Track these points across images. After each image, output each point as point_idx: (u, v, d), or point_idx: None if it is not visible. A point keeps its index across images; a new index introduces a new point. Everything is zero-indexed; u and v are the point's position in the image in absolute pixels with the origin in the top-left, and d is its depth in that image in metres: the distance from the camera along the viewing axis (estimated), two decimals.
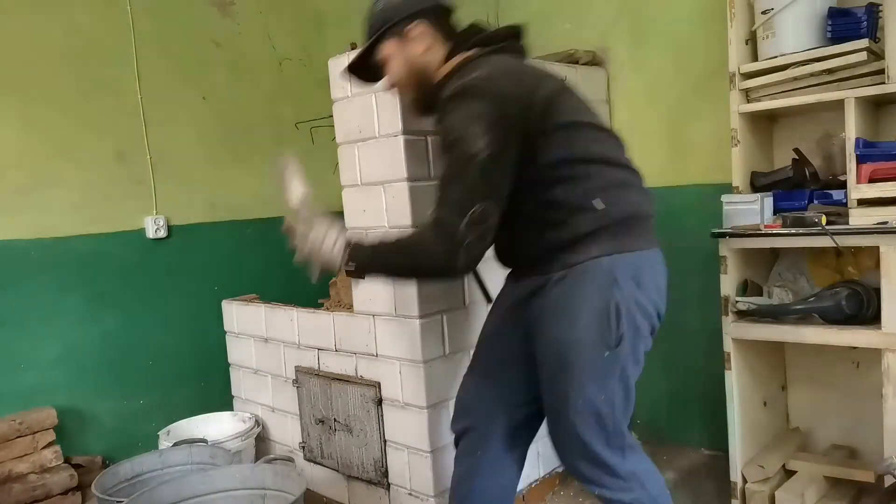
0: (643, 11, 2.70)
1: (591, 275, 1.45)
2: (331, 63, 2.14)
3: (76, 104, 2.82)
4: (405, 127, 1.99)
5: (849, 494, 2.11)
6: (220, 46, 3.29)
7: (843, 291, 1.90)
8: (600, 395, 1.47)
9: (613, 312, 1.43)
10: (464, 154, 1.39)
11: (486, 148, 1.38)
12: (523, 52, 1.68)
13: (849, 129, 1.90)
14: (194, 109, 3.17)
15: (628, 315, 1.44)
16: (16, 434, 2.53)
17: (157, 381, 3.01)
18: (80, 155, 2.82)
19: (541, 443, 2.51)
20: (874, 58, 1.90)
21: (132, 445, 2.78)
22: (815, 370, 2.33)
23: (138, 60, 2.98)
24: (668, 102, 2.69)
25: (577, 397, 1.47)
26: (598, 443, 1.50)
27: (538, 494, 2.49)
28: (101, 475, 2.09)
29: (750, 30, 2.11)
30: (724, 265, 2.07)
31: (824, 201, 2.02)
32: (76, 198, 2.80)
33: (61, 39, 2.78)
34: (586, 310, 1.44)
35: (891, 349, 1.80)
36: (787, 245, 2.08)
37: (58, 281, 2.76)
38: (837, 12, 1.95)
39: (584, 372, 1.46)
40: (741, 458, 2.12)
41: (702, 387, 2.69)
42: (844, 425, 2.30)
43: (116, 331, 2.90)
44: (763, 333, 2.04)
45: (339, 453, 2.40)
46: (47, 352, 2.74)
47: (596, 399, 1.47)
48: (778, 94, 2.06)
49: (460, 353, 2.17)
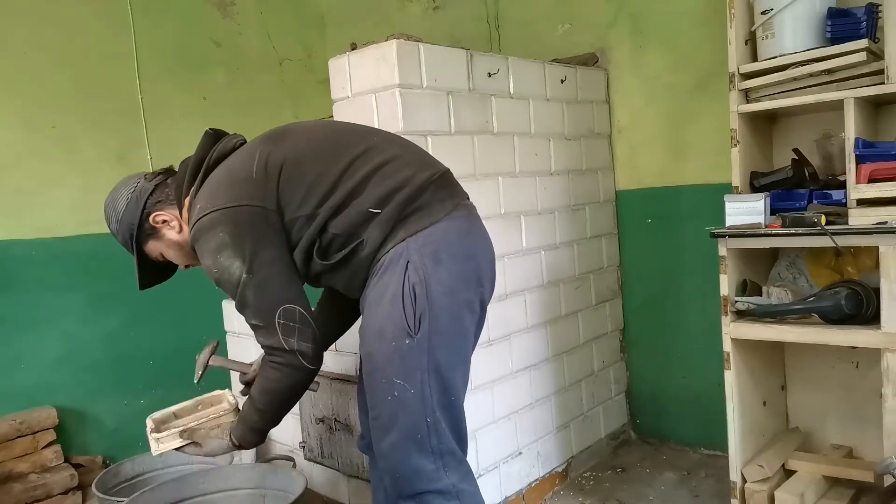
0: (643, 12, 2.70)
1: (388, 265, 1.43)
2: (331, 63, 2.14)
3: (76, 104, 2.82)
4: (405, 127, 1.99)
5: (848, 494, 2.11)
6: (220, 46, 3.30)
7: (843, 291, 1.90)
8: (409, 391, 1.40)
9: (410, 294, 1.40)
10: (231, 285, 1.43)
11: (241, 267, 1.41)
12: (228, 148, 1.60)
13: (848, 129, 1.90)
14: (194, 109, 3.17)
15: (428, 295, 1.40)
16: (16, 434, 2.53)
17: (157, 381, 3.01)
18: (80, 155, 2.83)
19: (540, 442, 2.52)
20: (874, 58, 1.90)
21: (132, 445, 2.78)
22: (814, 370, 2.33)
23: (138, 60, 2.99)
24: (668, 102, 2.69)
25: (384, 394, 1.42)
26: (411, 447, 1.42)
27: (538, 494, 2.49)
28: (102, 475, 2.10)
29: (750, 30, 2.11)
30: (723, 265, 2.07)
31: (824, 201, 2.02)
32: (76, 198, 2.81)
33: (61, 39, 2.79)
34: (385, 299, 1.42)
35: (890, 349, 1.80)
36: (787, 245, 2.08)
37: (58, 281, 2.76)
38: (837, 12, 1.95)
39: (389, 364, 1.41)
40: (740, 458, 2.12)
41: (701, 386, 2.69)
42: (844, 425, 2.30)
43: (117, 331, 2.90)
44: (762, 333, 2.04)
45: (339, 453, 2.40)
46: (48, 352, 2.75)
47: (405, 395, 1.40)
48: (777, 95, 2.06)
49: None
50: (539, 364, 2.51)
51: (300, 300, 1.46)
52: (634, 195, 2.84)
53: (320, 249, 1.49)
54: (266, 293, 1.43)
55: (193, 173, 1.58)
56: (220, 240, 1.43)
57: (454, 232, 1.48)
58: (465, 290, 1.47)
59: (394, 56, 1.96)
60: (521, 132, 2.41)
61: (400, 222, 1.45)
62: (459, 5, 3.25)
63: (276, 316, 1.42)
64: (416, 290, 1.39)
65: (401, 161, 1.50)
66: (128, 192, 1.61)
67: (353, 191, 1.46)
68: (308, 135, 1.56)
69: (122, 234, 1.62)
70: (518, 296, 2.41)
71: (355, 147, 1.51)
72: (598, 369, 2.81)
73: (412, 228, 1.44)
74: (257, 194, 1.45)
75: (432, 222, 1.45)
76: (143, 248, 1.64)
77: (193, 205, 1.53)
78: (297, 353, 1.44)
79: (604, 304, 2.84)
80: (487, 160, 2.26)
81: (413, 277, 1.40)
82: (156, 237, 1.62)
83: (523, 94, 2.41)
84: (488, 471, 2.29)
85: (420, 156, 1.58)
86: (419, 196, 1.46)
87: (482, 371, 2.25)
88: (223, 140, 1.61)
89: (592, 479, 2.63)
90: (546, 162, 2.53)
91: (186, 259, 1.65)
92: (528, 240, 2.45)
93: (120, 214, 1.60)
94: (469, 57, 2.19)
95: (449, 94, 2.13)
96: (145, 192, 1.61)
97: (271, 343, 1.45)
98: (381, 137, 1.60)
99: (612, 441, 2.88)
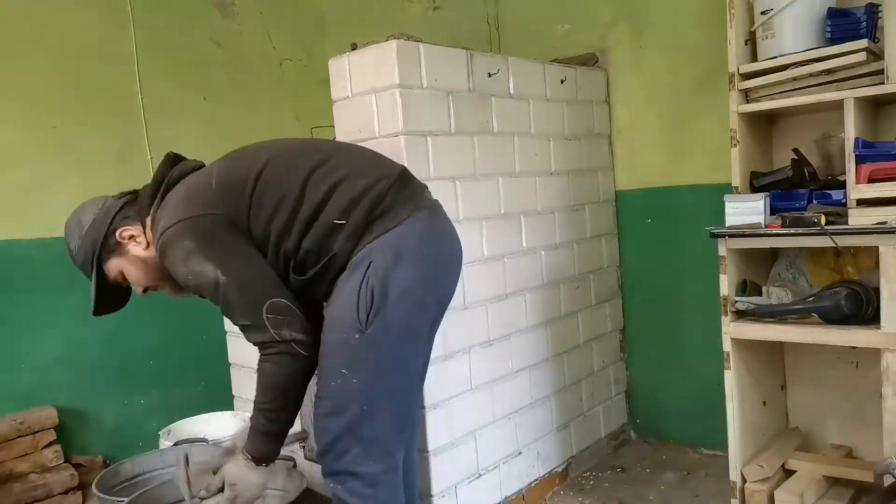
0: (643, 12, 2.70)
1: (354, 267, 1.49)
2: (331, 63, 2.14)
3: (76, 104, 2.82)
4: (405, 127, 1.99)
5: (848, 494, 2.12)
6: (221, 46, 3.30)
7: (843, 291, 1.90)
8: (351, 380, 1.47)
9: (366, 293, 1.45)
10: (210, 288, 1.45)
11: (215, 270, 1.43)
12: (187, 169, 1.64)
13: (848, 129, 1.90)
14: (194, 109, 3.17)
15: (386, 295, 1.45)
16: (16, 434, 2.54)
17: (157, 381, 3.02)
18: (80, 155, 2.83)
19: (540, 442, 2.52)
20: (873, 58, 1.90)
21: (133, 445, 2.79)
22: (814, 370, 2.33)
23: (138, 60, 2.99)
24: (668, 102, 2.69)
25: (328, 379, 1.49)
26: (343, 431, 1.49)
27: (538, 494, 2.49)
28: (102, 475, 2.09)
29: (749, 30, 2.11)
30: (723, 265, 2.07)
31: (823, 201, 2.02)
32: (77, 198, 2.77)
33: (61, 39, 2.79)
34: (342, 295, 1.48)
35: (890, 349, 1.80)
36: (787, 245, 2.08)
37: (58, 281, 2.75)
38: (837, 12, 1.95)
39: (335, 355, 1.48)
40: (740, 458, 2.12)
41: (701, 386, 2.69)
42: (844, 425, 2.30)
43: (117, 331, 2.90)
44: (762, 333, 2.04)
45: None
46: (48, 351, 2.75)
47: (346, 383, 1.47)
48: (777, 95, 2.06)
49: (458, 353, 2.17)
50: (539, 364, 2.51)
51: (284, 292, 1.48)
52: (634, 195, 2.84)
53: (296, 265, 1.53)
54: (249, 291, 1.45)
55: (153, 193, 1.61)
56: (186, 248, 1.45)
57: (416, 233, 1.53)
58: (421, 290, 1.52)
59: (394, 56, 1.96)
60: (521, 132, 2.41)
61: (366, 229, 1.50)
62: (459, 5, 3.25)
63: (263, 312, 1.44)
64: (374, 289, 1.45)
65: (357, 169, 1.55)
66: (95, 209, 1.63)
67: (318, 204, 1.50)
68: (263, 152, 1.59)
69: (84, 249, 1.61)
70: (518, 296, 2.41)
71: (310, 158, 1.56)
72: (597, 369, 2.81)
73: (376, 232, 1.50)
74: (219, 203, 1.49)
75: (395, 224, 1.50)
76: (103, 267, 1.63)
77: (156, 222, 1.55)
78: (292, 342, 1.45)
79: (604, 304, 2.84)
80: (487, 160, 2.26)
81: (372, 278, 1.46)
82: (119, 254, 1.62)
83: (523, 95, 2.41)
84: (488, 471, 2.29)
85: (375, 160, 1.63)
86: (380, 202, 1.51)
87: (482, 371, 2.26)
88: (182, 163, 1.66)
89: (592, 479, 2.63)
90: (546, 162, 2.53)
91: (147, 278, 1.65)
92: (528, 240, 2.45)
93: (84, 229, 1.61)
94: (469, 57, 2.19)
95: (449, 95, 2.13)
96: (114, 207, 1.63)
97: (263, 339, 1.46)
98: (333, 146, 1.67)
99: (611, 441, 2.88)
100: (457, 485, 2.17)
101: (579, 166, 2.69)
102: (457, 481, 2.17)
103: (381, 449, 1.53)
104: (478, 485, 2.25)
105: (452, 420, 2.15)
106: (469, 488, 2.21)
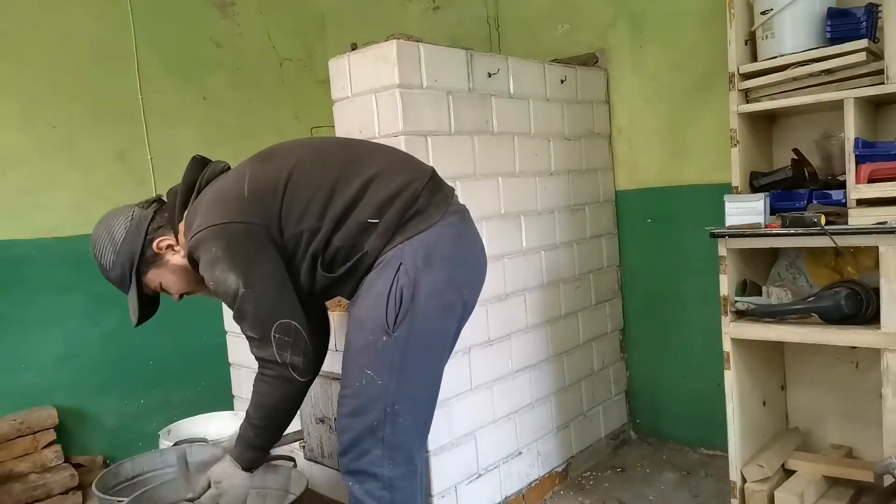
0: (643, 12, 2.70)
1: (384, 265, 1.49)
2: (331, 63, 2.14)
3: (76, 104, 2.82)
4: (405, 127, 1.99)
5: (848, 494, 2.12)
6: (221, 46, 3.30)
7: (843, 291, 1.90)
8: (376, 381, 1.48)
9: (396, 295, 1.46)
10: (229, 297, 1.46)
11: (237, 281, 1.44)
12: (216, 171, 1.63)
13: (848, 129, 1.90)
14: (194, 109, 3.17)
15: (414, 297, 1.46)
16: (17, 434, 2.54)
17: (157, 381, 3.02)
18: (80, 155, 2.83)
19: (540, 442, 2.52)
20: (873, 58, 1.90)
21: (133, 445, 2.79)
22: (814, 370, 2.33)
23: (138, 60, 2.99)
24: (668, 102, 2.69)
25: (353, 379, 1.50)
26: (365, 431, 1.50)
27: (538, 494, 2.49)
28: (102, 475, 2.09)
29: (749, 30, 2.11)
30: (723, 265, 2.07)
31: (823, 201, 2.02)
32: (76, 198, 2.81)
33: (61, 39, 2.79)
34: (371, 295, 1.49)
35: (890, 349, 1.80)
36: (787, 245, 2.08)
37: (58, 281, 2.76)
38: (837, 13, 1.95)
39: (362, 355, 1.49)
40: (740, 458, 2.12)
41: (701, 386, 2.69)
42: (843, 425, 2.30)
43: (117, 331, 2.90)
44: (762, 333, 2.04)
45: None
46: (48, 351, 2.75)
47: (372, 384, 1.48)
48: (777, 95, 2.06)
49: (458, 353, 2.17)
50: (539, 364, 2.51)
51: (296, 315, 1.49)
52: (634, 195, 2.84)
53: (324, 262, 1.53)
54: (263, 307, 1.46)
55: (185, 197, 1.60)
56: (213, 254, 1.45)
57: (448, 236, 1.53)
58: (450, 294, 1.53)
59: (394, 56, 1.96)
60: (521, 132, 2.41)
61: (398, 229, 1.50)
62: (459, 5, 3.25)
63: (272, 330, 1.45)
64: (403, 291, 1.46)
65: (390, 169, 1.54)
66: (125, 221, 1.59)
67: (351, 202, 1.50)
68: (294, 152, 1.59)
69: (121, 265, 1.59)
70: (518, 296, 2.41)
71: (341, 157, 1.55)
72: (597, 369, 2.81)
73: (409, 233, 1.50)
74: (250, 211, 1.48)
75: (428, 226, 1.50)
76: (143, 279, 1.62)
77: (189, 225, 1.54)
78: (289, 366, 1.46)
79: (604, 304, 2.84)
80: (487, 160, 2.26)
81: (403, 280, 1.46)
82: (158, 265, 1.61)
83: (523, 95, 2.41)
84: (488, 471, 2.29)
85: (406, 161, 1.63)
86: (414, 202, 1.51)
87: (482, 371, 2.26)
88: (210, 165, 1.63)
89: (592, 479, 2.63)
90: (546, 162, 2.53)
91: (187, 285, 1.66)
92: (528, 240, 2.45)
93: (118, 243, 1.57)
94: (469, 57, 2.19)
95: (449, 95, 2.13)
96: (146, 218, 1.60)
97: (265, 355, 1.47)
98: (363, 145, 1.66)
99: (611, 441, 2.88)
100: (457, 485, 2.17)
101: (579, 166, 2.69)
102: (457, 481, 2.17)
103: (402, 452, 1.53)
104: (478, 485, 2.25)
105: (452, 420, 2.15)
106: (469, 488, 2.21)
